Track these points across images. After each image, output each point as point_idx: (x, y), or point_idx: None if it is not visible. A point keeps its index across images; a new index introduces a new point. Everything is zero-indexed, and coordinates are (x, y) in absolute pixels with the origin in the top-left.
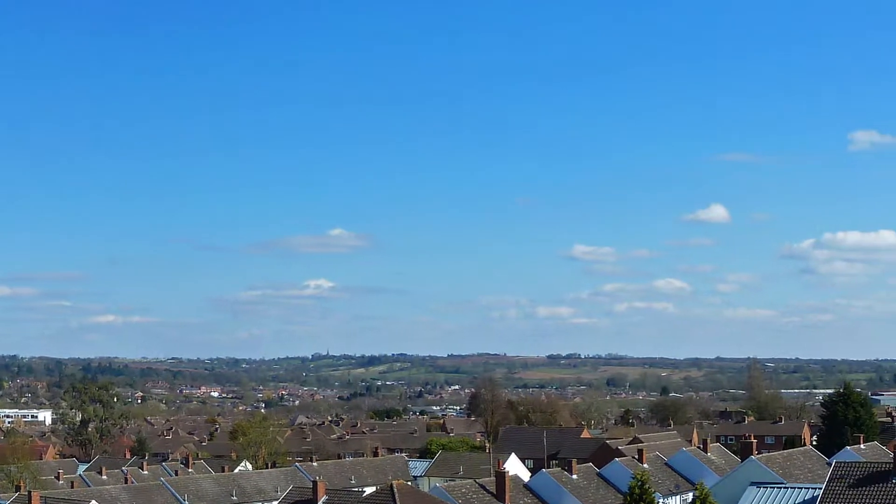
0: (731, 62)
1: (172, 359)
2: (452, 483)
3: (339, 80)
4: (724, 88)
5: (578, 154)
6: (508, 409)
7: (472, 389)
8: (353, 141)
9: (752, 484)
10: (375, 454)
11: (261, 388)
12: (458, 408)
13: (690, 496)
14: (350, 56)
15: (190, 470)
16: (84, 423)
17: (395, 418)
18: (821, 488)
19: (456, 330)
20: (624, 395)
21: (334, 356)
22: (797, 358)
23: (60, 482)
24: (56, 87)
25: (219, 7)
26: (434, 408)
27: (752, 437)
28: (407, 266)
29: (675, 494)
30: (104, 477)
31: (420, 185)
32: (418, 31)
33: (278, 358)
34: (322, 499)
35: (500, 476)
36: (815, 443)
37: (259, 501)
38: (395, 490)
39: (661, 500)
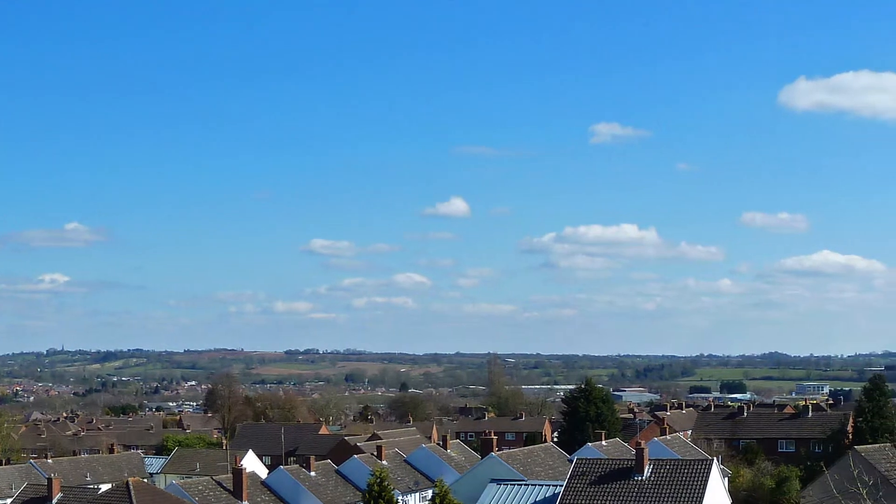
0: (469, 54)
1: None
2: (189, 480)
3: (73, 72)
4: (463, 81)
5: (317, 148)
6: (246, 405)
7: (209, 385)
8: (88, 134)
9: (493, 481)
10: (111, 451)
11: None
12: (195, 404)
13: (430, 493)
14: (82, 45)
15: None
16: None
17: (130, 414)
18: (562, 485)
19: (193, 325)
20: (363, 390)
21: (69, 351)
22: (538, 353)
23: None
24: None
25: None
26: (170, 404)
27: (493, 434)
28: (144, 261)
29: (415, 492)
30: None
31: (157, 179)
32: (152, 22)
33: (12, 353)
34: (57, 496)
35: (238, 473)
36: (556, 439)
37: None
38: (132, 487)
39: (400, 498)
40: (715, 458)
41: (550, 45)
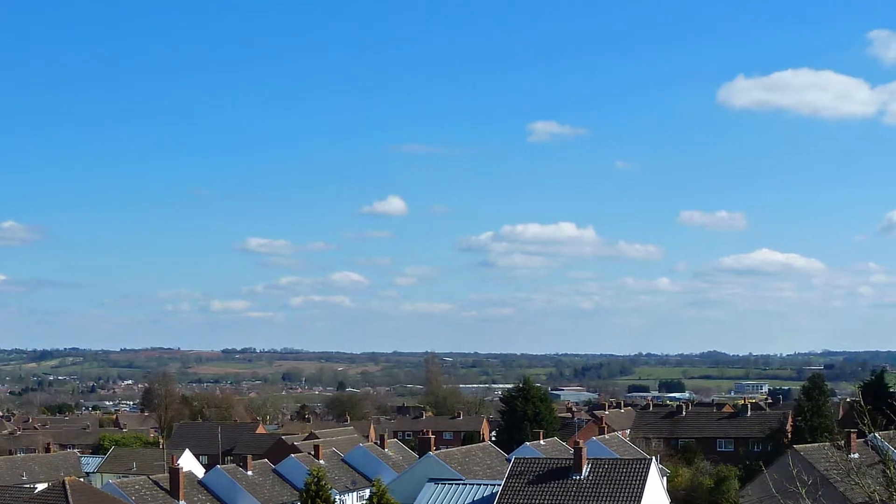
0: (406, 52)
1: None
2: (126, 479)
3: (6, 69)
4: (400, 79)
5: (254, 145)
6: (182, 404)
7: (146, 384)
8: (24, 131)
9: (431, 480)
10: (48, 450)
11: None
12: (132, 403)
13: (368, 493)
14: (14, 42)
15: None
16: None
17: (67, 414)
18: (500, 485)
19: (129, 324)
20: (300, 389)
21: (5, 351)
22: (476, 352)
23: None
24: None
25: None
26: (107, 403)
27: (430, 433)
28: (80, 259)
29: (353, 491)
30: None
31: (94, 176)
32: (86, 18)
33: None
34: None
35: (174, 472)
36: (494, 438)
37: None
38: (68, 487)
39: (337, 497)
40: (653, 458)
41: (488, 42)
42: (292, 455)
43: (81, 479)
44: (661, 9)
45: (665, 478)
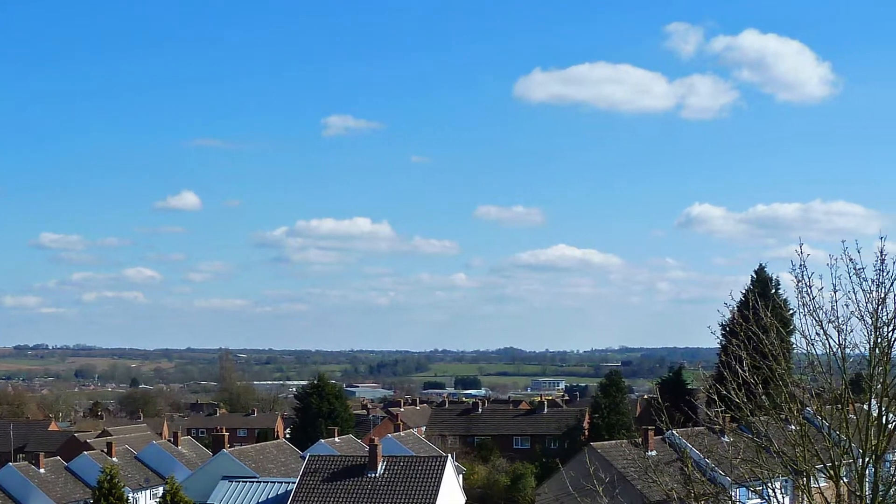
0: (199, 46)
1: None
2: None
3: None
4: (193, 73)
5: (46, 140)
6: None
7: None
8: None
9: (224, 478)
10: None
11: None
12: None
13: (161, 490)
14: None
15: None
16: None
17: None
18: (294, 482)
19: None
20: (93, 386)
21: None
22: (270, 348)
23: None
24: None
25: None
26: None
27: (224, 430)
28: None
29: (146, 489)
30: None
31: None
32: None
33: None
34: None
35: None
36: (288, 436)
37: None
38: None
39: (130, 495)
40: (449, 455)
41: (281, 36)
42: (85, 452)
43: None
44: (456, 1)
45: (461, 475)
